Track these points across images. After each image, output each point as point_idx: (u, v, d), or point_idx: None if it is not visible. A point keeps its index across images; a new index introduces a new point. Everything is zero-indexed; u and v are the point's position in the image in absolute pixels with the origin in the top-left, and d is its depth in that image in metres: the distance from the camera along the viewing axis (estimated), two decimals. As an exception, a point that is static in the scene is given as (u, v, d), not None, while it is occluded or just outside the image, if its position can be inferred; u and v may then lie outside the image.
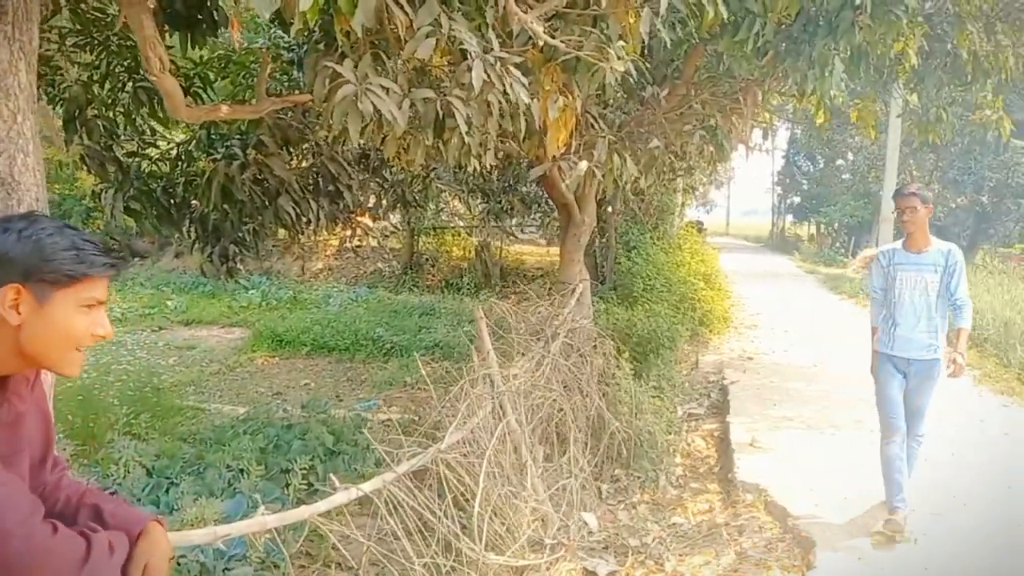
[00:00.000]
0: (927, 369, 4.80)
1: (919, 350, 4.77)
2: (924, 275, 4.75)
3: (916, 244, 4.80)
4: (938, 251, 4.75)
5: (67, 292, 1.40)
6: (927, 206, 4.72)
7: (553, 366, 6.09)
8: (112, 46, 4.74)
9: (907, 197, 4.71)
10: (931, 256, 4.76)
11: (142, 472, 4.77)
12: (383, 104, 3.41)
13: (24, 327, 1.38)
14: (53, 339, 1.41)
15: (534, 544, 4.53)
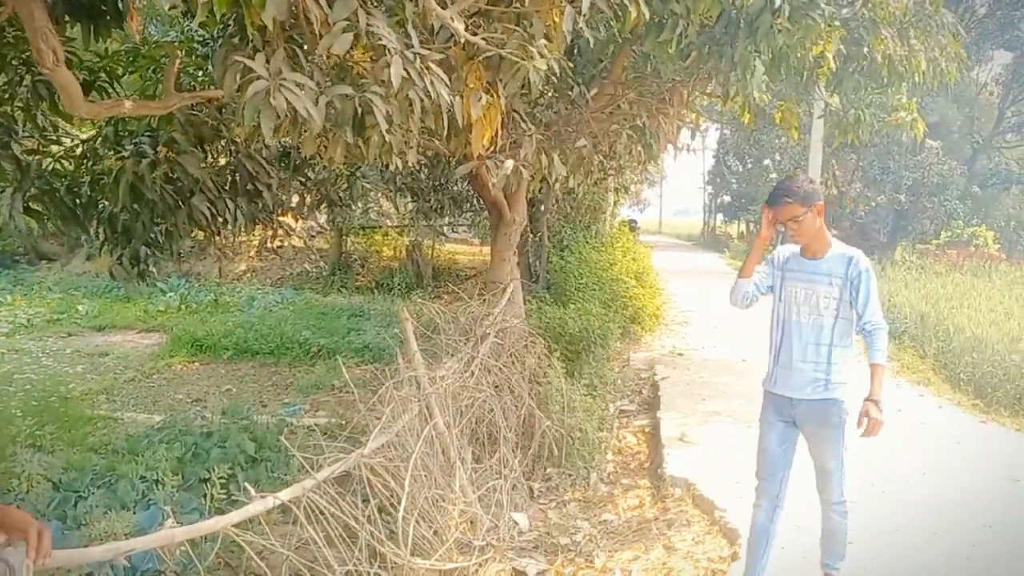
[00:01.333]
0: (818, 414, 3.71)
1: (803, 386, 3.71)
2: (816, 287, 3.68)
3: (811, 249, 3.74)
4: (837, 257, 3.67)
5: None
6: (814, 205, 3.63)
7: (483, 367, 6.08)
8: (8, 37, 4.51)
9: (782, 206, 3.63)
10: (827, 264, 3.68)
11: (48, 486, 4.57)
12: (297, 101, 3.33)
13: None
14: None
15: (463, 546, 4.52)
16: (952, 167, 25.74)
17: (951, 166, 25.72)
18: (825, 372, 3.69)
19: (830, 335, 3.68)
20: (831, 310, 3.66)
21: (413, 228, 17.61)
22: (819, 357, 3.70)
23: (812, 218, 3.62)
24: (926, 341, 10.51)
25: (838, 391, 3.71)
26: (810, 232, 3.66)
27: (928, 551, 4.51)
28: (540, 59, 4.09)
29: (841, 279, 3.65)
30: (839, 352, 3.71)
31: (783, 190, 3.64)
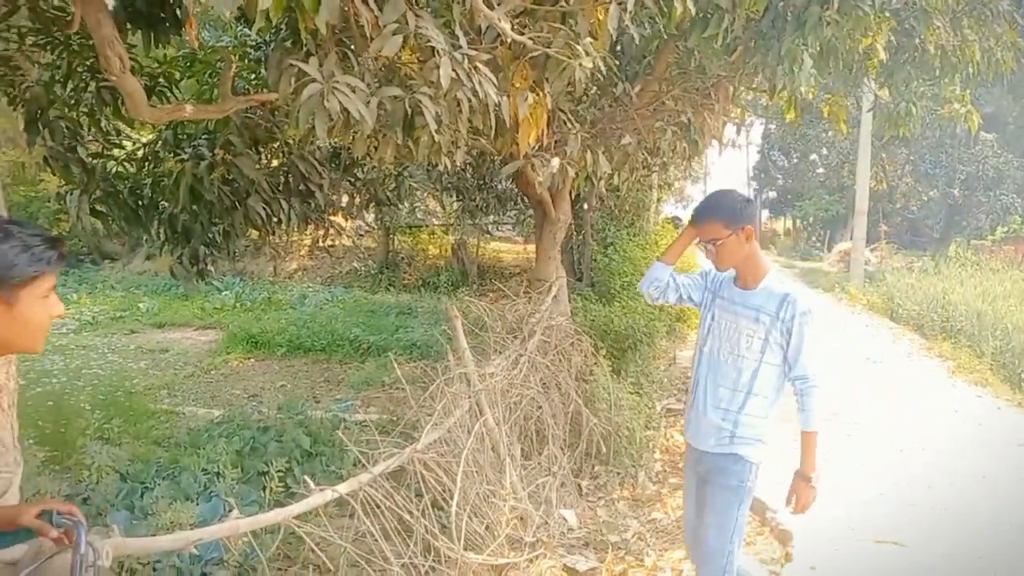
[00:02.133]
0: (717, 471, 3.16)
1: (708, 437, 3.17)
2: (740, 322, 3.12)
3: (743, 278, 3.17)
4: (770, 292, 3.08)
5: (29, 289, 1.55)
6: (741, 227, 3.05)
7: (530, 364, 6.10)
8: (74, 45, 4.66)
9: (704, 223, 3.11)
10: (757, 297, 3.09)
11: (115, 477, 4.72)
12: (350, 102, 3.39)
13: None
14: (26, 332, 1.58)
15: (513, 542, 4.54)
16: (1008, 160, 25.03)
17: (1007, 159, 25.02)
18: (733, 423, 3.09)
19: (749, 381, 3.07)
20: (754, 351, 3.06)
21: (458, 227, 17.70)
22: (731, 404, 3.10)
23: (738, 242, 3.04)
24: (983, 340, 10.24)
25: (744, 448, 3.10)
26: (734, 258, 3.08)
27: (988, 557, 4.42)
28: (586, 57, 4.10)
29: (770, 317, 3.04)
30: (756, 403, 3.08)
31: (707, 206, 3.13)
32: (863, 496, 5.13)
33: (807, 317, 3.02)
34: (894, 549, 4.52)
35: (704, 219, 3.10)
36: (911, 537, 4.62)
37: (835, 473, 5.51)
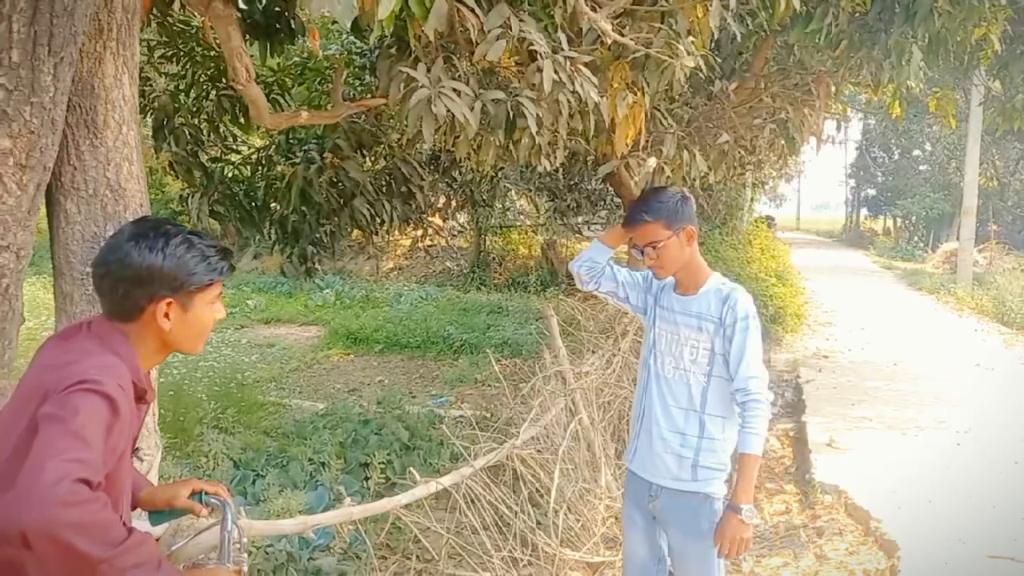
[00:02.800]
0: (684, 513, 2.70)
1: (664, 468, 2.72)
2: (681, 332, 2.72)
3: (683, 283, 2.78)
4: (712, 294, 2.70)
5: (203, 295, 1.68)
6: (682, 228, 2.68)
7: (624, 364, 6.11)
8: (196, 56, 4.94)
9: (639, 225, 2.70)
10: (699, 302, 2.71)
11: (229, 464, 4.97)
12: (455, 106, 3.47)
13: (172, 329, 1.65)
14: (194, 333, 1.70)
15: (608, 541, 4.56)
16: None
17: None
18: (694, 450, 2.65)
19: (700, 398, 2.66)
20: (701, 364, 2.67)
21: (549, 227, 17.76)
22: (688, 427, 2.67)
23: (679, 245, 2.67)
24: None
25: (710, 485, 2.65)
26: (675, 263, 2.70)
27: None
28: (688, 56, 4.08)
29: (714, 324, 2.65)
30: (716, 424, 2.66)
31: (642, 205, 2.73)
32: (976, 508, 4.92)
33: (749, 321, 2.61)
34: (1011, 566, 4.33)
35: (640, 220, 2.68)
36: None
37: (946, 483, 5.32)
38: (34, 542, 1.26)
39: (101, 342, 1.58)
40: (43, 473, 1.28)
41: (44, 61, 1.99)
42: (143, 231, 1.63)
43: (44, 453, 1.32)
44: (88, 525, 1.30)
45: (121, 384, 1.49)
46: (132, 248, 1.59)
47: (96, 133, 2.27)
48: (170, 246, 1.61)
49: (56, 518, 1.26)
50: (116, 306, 1.62)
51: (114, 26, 2.28)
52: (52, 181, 2.22)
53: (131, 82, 2.36)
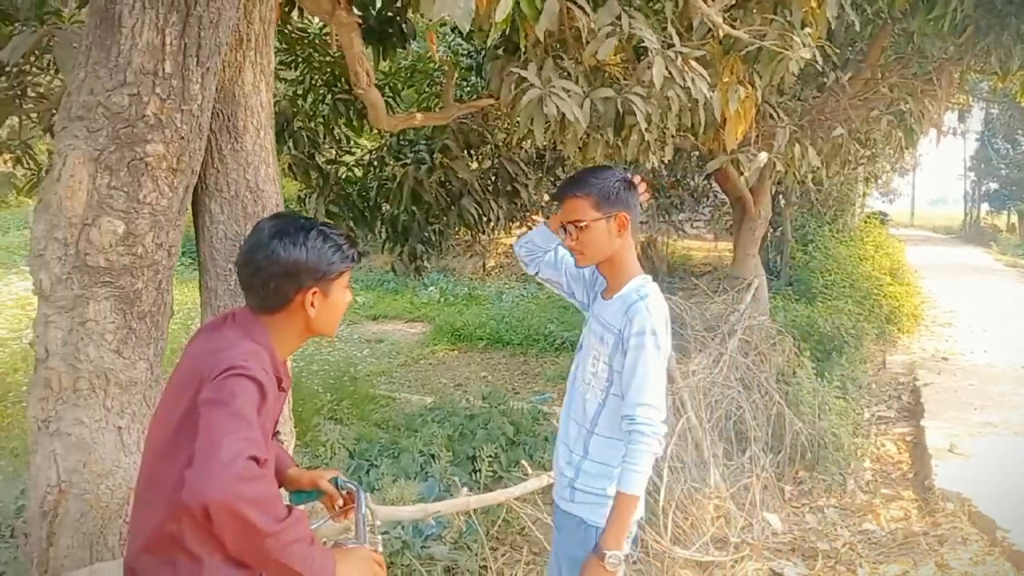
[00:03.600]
0: (565, 530, 2.41)
1: (558, 483, 2.48)
2: (590, 341, 2.41)
3: (608, 284, 2.41)
4: (620, 301, 2.31)
5: (339, 281, 1.80)
6: (614, 215, 2.28)
7: (731, 363, 6.02)
8: (314, 63, 5.18)
9: (567, 198, 2.34)
10: (611, 310, 2.33)
11: (345, 454, 5.17)
12: (565, 105, 3.52)
13: (316, 316, 1.78)
14: (333, 317, 1.84)
15: (718, 541, 4.52)
16: None
17: None
18: (574, 470, 2.35)
19: (593, 416, 2.32)
20: (600, 379, 2.31)
21: (651, 224, 17.58)
22: (576, 445, 2.37)
23: (606, 232, 2.27)
24: None
25: (584, 508, 2.32)
26: (598, 251, 2.30)
27: None
28: (804, 48, 4.00)
29: (615, 336, 2.27)
30: (600, 448, 2.31)
31: (573, 179, 2.39)
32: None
33: (645, 338, 2.18)
34: None
35: (566, 193, 2.33)
36: None
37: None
38: (215, 514, 1.38)
39: (244, 332, 1.70)
40: (220, 450, 1.41)
41: (193, 71, 2.15)
42: (283, 227, 1.74)
43: (216, 432, 1.44)
44: (261, 499, 1.42)
45: (265, 369, 1.62)
46: (277, 245, 1.70)
47: (237, 138, 2.44)
48: (310, 239, 1.73)
49: (236, 492, 1.38)
50: (265, 300, 1.74)
51: (252, 36, 2.44)
52: (198, 183, 2.39)
53: (267, 89, 2.51)
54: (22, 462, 4.59)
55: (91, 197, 2.08)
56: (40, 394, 2.12)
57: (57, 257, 2.08)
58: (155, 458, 1.67)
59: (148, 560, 1.62)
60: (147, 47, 2.06)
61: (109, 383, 2.14)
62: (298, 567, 1.45)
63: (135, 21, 2.05)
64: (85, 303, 2.10)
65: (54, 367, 2.10)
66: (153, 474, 1.66)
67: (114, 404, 2.15)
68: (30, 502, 2.18)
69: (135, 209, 2.12)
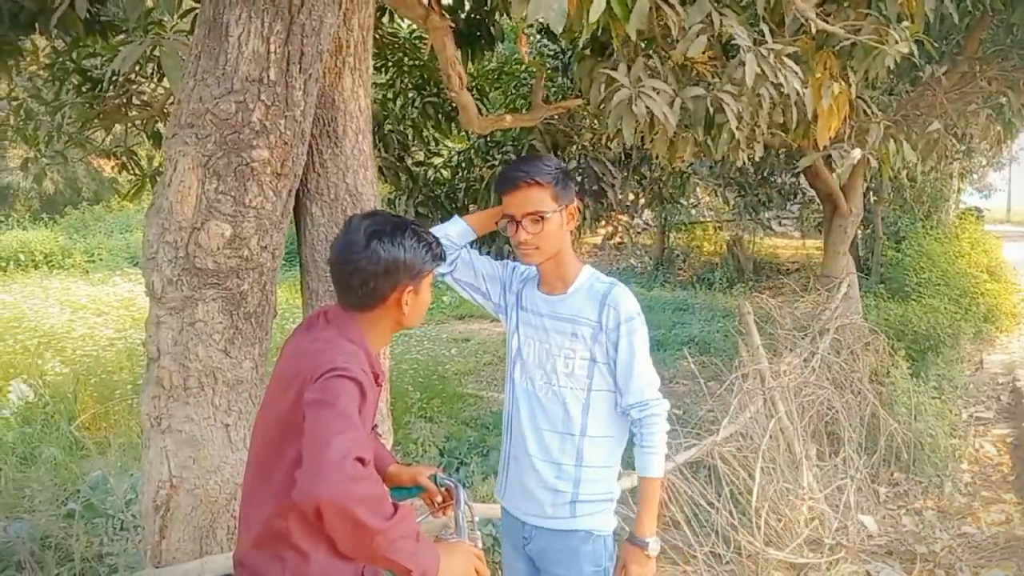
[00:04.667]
0: (562, 554, 2.18)
1: (537, 508, 2.20)
2: (552, 339, 2.18)
3: (548, 278, 2.22)
4: (587, 294, 2.16)
5: (427, 278, 1.83)
6: (566, 204, 2.15)
7: (823, 363, 5.83)
8: (404, 66, 5.22)
9: (516, 188, 2.10)
10: (571, 302, 2.17)
11: (435, 452, 5.19)
12: (656, 105, 3.45)
13: (409, 312, 1.80)
14: (421, 312, 1.87)
15: (811, 543, 4.37)
16: None
17: None
18: (572, 483, 2.15)
19: (580, 419, 2.14)
20: (578, 378, 2.14)
21: (735, 222, 17.19)
22: (564, 456, 2.15)
23: (560, 224, 2.11)
24: None
25: (593, 519, 2.16)
26: (553, 245, 2.12)
27: None
28: (902, 43, 3.81)
29: (591, 328, 2.12)
30: (596, 450, 2.15)
31: (525, 166, 2.13)
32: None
33: (635, 321, 2.11)
34: None
35: (523, 179, 2.08)
36: None
37: None
38: (327, 514, 1.39)
39: (339, 331, 1.72)
40: (330, 451, 1.41)
41: (296, 78, 2.17)
42: (380, 228, 1.74)
43: (325, 433, 1.45)
44: (370, 499, 1.43)
45: (363, 369, 1.62)
46: (377, 245, 1.71)
47: (336, 142, 2.45)
48: (406, 239, 1.74)
49: (347, 492, 1.39)
50: (362, 298, 1.74)
51: (351, 42, 2.45)
52: (299, 187, 2.41)
53: (365, 94, 2.52)
54: (131, 457, 4.77)
55: (200, 201, 2.12)
56: (152, 392, 2.18)
57: (168, 260, 2.13)
58: (261, 456, 1.70)
59: (257, 555, 1.65)
60: (253, 55, 2.09)
61: (217, 381, 2.19)
62: (405, 563, 1.45)
63: (241, 30, 2.08)
64: (194, 304, 2.15)
65: (165, 366, 2.15)
66: (260, 472, 1.68)
67: (222, 402, 2.20)
68: (143, 496, 2.25)
69: (241, 213, 2.15)
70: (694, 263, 18.48)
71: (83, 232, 19.09)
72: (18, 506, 4.13)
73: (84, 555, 3.47)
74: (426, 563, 1.49)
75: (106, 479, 4.04)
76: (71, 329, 7.94)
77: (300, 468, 1.44)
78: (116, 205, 21.84)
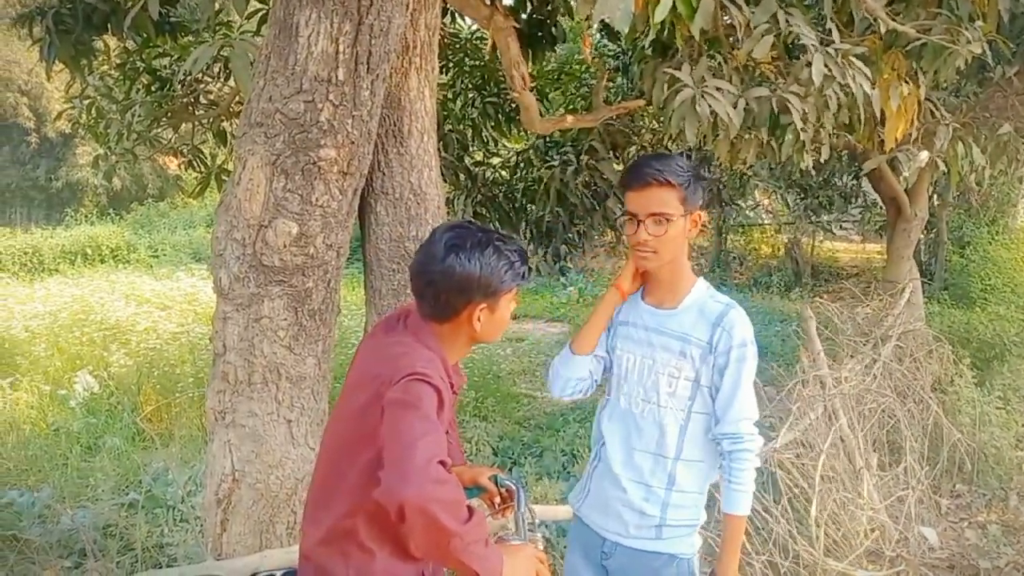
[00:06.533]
0: (642, 573, 2.10)
1: (621, 522, 2.10)
2: (658, 355, 2.06)
3: (658, 291, 2.11)
4: (701, 311, 2.05)
5: (507, 296, 1.78)
6: (692, 209, 2.02)
7: (885, 370, 5.66)
8: (465, 67, 5.22)
9: (649, 186, 1.97)
10: (682, 318, 2.06)
11: (489, 451, 5.19)
12: (719, 105, 3.39)
13: (481, 329, 1.76)
14: (497, 329, 1.82)
15: (871, 554, 4.24)
16: None
17: None
18: (660, 506, 2.05)
19: (677, 442, 2.04)
20: (679, 398, 2.04)
21: (793, 225, 16.84)
22: (655, 479, 2.05)
23: (683, 231, 2.00)
24: None
25: (679, 544, 2.08)
26: (672, 253, 2.01)
27: None
28: (974, 43, 3.68)
29: (701, 349, 2.01)
30: (690, 475, 2.06)
31: (658, 164, 1.97)
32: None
33: (747, 349, 2.00)
34: None
35: (655, 177, 1.95)
36: None
37: None
38: (409, 514, 1.40)
39: (416, 338, 1.70)
40: (415, 453, 1.42)
41: (363, 78, 2.16)
42: (460, 241, 1.70)
43: (409, 435, 1.45)
44: (450, 502, 1.43)
45: (441, 376, 1.62)
46: (453, 259, 1.68)
47: (402, 142, 2.45)
48: (485, 255, 1.69)
49: (430, 495, 1.40)
50: (436, 310, 1.73)
51: (418, 43, 2.45)
52: (365, 186, 2.41)
53: (431, 94, 2.51)
54: (192, 450, 4.86)
55: (268, 200, 2.13)
56: (218, 387, 2.20)
57: (236, 256, 2.15)
58: (334, 456, 1.70)
59: (323, 551, 1.66)
60: (322, 55, 2.10)
61: (281, 378, 2.20)
62: (475, 566, 1.46)
63: (311, 31, 2.08)
64: (260, 301, 2.16)
65: (231, 361, 2.17)
66: (332, 470, 1.69)
67: (284, 398, 2.21)
68: (206, 489, 2.27)
69: (308, 211, 2.16)
70: (751, 266, 18.16)
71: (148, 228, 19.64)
72: (82, 494, 4.24)
73: (145, 544, 3.53)
74: (492, 567, 1.49)
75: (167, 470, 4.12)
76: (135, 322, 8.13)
77: (383, 468, 1.45)
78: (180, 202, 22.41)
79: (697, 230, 2.06)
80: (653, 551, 2.06)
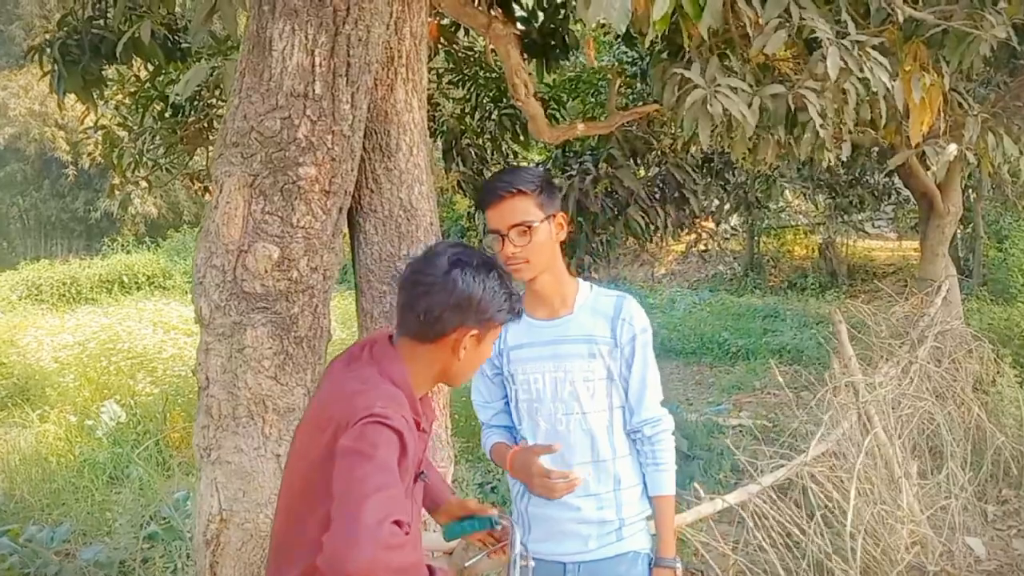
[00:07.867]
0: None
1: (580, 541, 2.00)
2: (569, 365, 1.99)
3: (547, 304, 2.03)
4: (595, 308, 2.01)
5: (495, 331, 1.64)
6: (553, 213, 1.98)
7: (922, 372, 5.40)
8: (480, 80, 5.14)
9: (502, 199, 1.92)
10: (584, 321, 2.00)
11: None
12: (732, 105, 3.23)
13: (462, 360, 1.58)
14: (473, 367, 1.64)
15: (913, 569, 3.99)
16: None
17: None
18: (615, 507, 2.00)
19: (608, 442, 2.00)
20: (600, 399, 1.99)
21: (826, 226, 16.49)
22: (601, 484, 1.99)
23: (549, 235, 1.95)
24: None
25: (638, 538, 2.03)
26: (543, 259, 1.95)
27: None
28: (998, 27, 3.47)
29: (609, 344, 1.97)
30: (629, 466, 2.03)
31: (506, 177, 1.97)
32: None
33: (648, 334, 2.00)
34: None
35: (507, 189, 1.90)
36: None
37: None
38: None
39: (380, 369, 1.52)
40: (363, 513, 1.24)
41: (343, 91, 2.03)
42: (466, 258, 1.56)
43: (359, 489, 1.28)
44: (406, 568, 1.26)
45: (404, 416, 1.43)
46: (458, 274, 1.53)
47: (389, 156, 2.32)
48: (489, 278, 1.55)
49: (381, 562, 1.22)
50: (423, 326, 1.55)
51: (403, 53, 2.31)
52: (352, 204, 2.28)
53: (420, 106, 2.38)
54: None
55: (247, 223, 2.00)
56: (202, 422, 2.08)
57: (216, 284, 2.02)
58: (292, 503, 1.53)
59: None
60: (297, 69, 1.97)
61: (267, 410, 2.06)
62: None
63: (285, 44, 1.96)
64: (243, 330, 2.02)
65: (214, 395, 2.05)
66: (291, 519, 1.52)
67: (272, 431, 2.06)
68: (195, 530, 2.14)
69: (289, 233, 2.03)
70: (785, 268, 17.85)
71: (184, 254, 19.84)
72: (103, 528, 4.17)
73: (161, 580, 3.44)
74: None
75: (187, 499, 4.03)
76: (162, 349, 8.14)
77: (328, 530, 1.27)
78: (199, 225, 22.67)
79: (564, 231, 2.03)
80: (617, 554, 2.01)
